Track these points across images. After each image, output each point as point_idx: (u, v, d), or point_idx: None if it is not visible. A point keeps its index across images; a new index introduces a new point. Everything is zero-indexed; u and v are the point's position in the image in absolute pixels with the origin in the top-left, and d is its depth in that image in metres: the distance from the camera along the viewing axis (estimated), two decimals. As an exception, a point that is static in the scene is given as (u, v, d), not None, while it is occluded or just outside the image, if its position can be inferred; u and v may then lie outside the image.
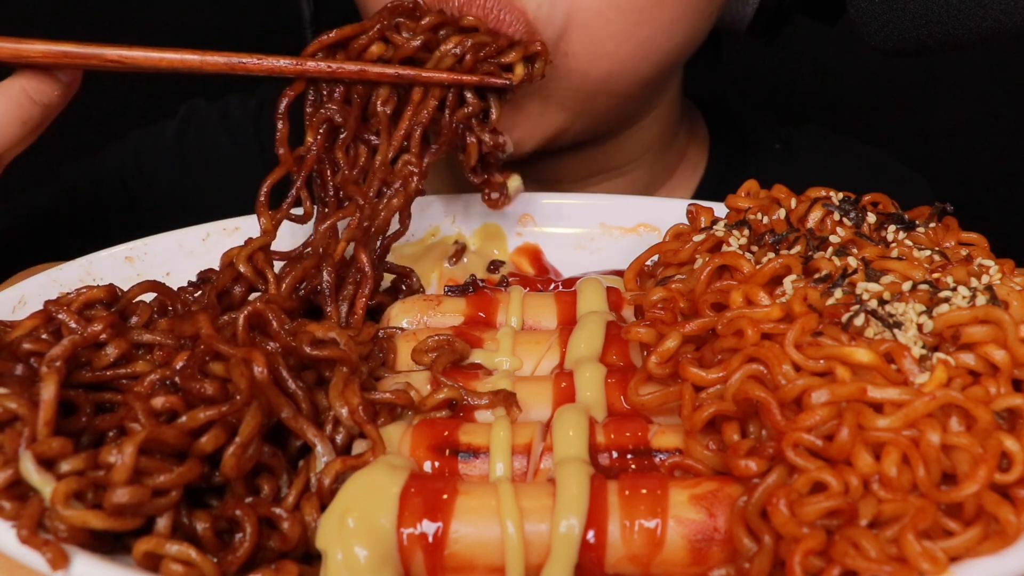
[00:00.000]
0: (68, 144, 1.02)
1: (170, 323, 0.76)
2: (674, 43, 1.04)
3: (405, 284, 0.92)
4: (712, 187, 1.31)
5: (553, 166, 1.18)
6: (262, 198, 0.89)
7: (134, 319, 0.77)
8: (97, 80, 0.88)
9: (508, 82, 0.92)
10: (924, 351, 0.64)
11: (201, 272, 0.90)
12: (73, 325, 0.73)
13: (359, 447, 0.70)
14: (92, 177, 1.38)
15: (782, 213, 0.80)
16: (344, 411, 0.70)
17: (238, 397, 0.65)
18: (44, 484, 0.61)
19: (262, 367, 0.67)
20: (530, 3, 0.94)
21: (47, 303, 0.75)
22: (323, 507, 0.65)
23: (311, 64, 0.88)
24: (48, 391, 0.64)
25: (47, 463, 0.62)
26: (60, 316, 0.73)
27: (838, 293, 0.69)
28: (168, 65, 0.86)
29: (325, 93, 0.90)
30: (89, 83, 0.89)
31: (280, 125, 0.89)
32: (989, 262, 0.74)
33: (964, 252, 0.77)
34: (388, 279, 0.93)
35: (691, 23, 1.04)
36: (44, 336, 0.72)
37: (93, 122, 1.11)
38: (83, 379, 0.70)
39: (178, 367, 0.69)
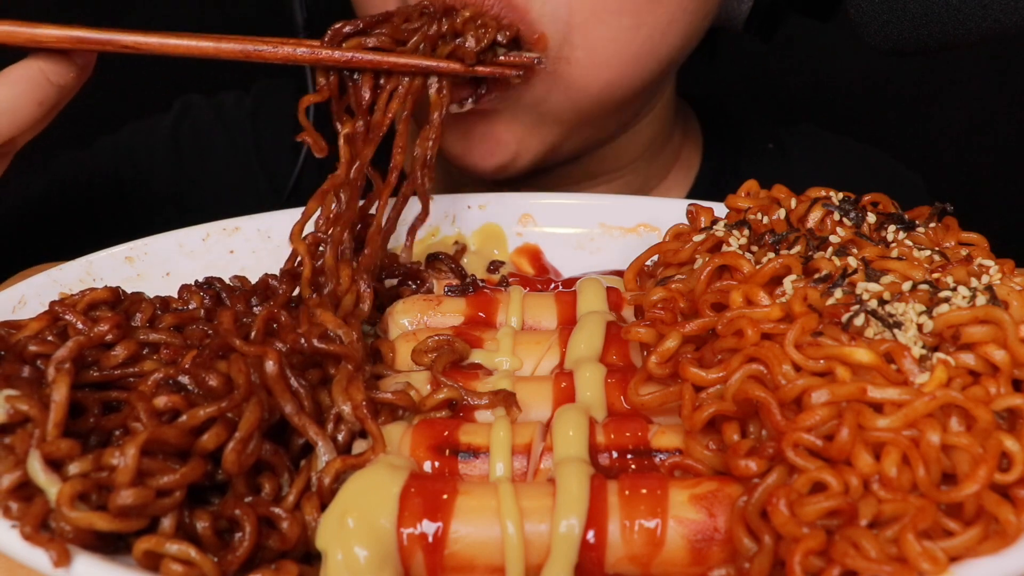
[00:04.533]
0: (57, 136, 1.02)
1: (177, 317, 0.76)
2: (671, 46, 1.04)
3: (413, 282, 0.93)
4: (706, 187, 1.31)
5: (544, 173, 1.18)
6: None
7: (137, 316, 0.78)
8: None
9: (520, 74, 0.94)
10: (924, 351, 0.64)
11: (208, 277, 0.89)
12: (80, 326, 0.73)
13: (359, 447, 0.70)
14: (85, 168, 1.37)
15: (782, 213, 0.80)
16: (347, 407, 0.70)
17: (236, 392, 0.65)
18: (50, 485, 0.61)
19: (275, 362, 0.67)
20: (534, 2, 0.94)
21: (53, 304, 0.75)
22: (323, 506, 0.65)
23: (325, 53, 0.89)
24: (59, 393, 0.64)
25: (55, 464, 0.62)
26: (67, 317, 0.74)
27: (838, 293, 0.69)
28: (183, 51, 0.86)
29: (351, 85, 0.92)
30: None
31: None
32: (989, 262, 0.74)
33: (964, 252, 0.77)
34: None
35: (688, 23, 1.03)
36: (50, 338, 0.72)
37: (82, 115, 1.11)
38: (90, 379, 0.70)
39: (186, 366, 0.69)
